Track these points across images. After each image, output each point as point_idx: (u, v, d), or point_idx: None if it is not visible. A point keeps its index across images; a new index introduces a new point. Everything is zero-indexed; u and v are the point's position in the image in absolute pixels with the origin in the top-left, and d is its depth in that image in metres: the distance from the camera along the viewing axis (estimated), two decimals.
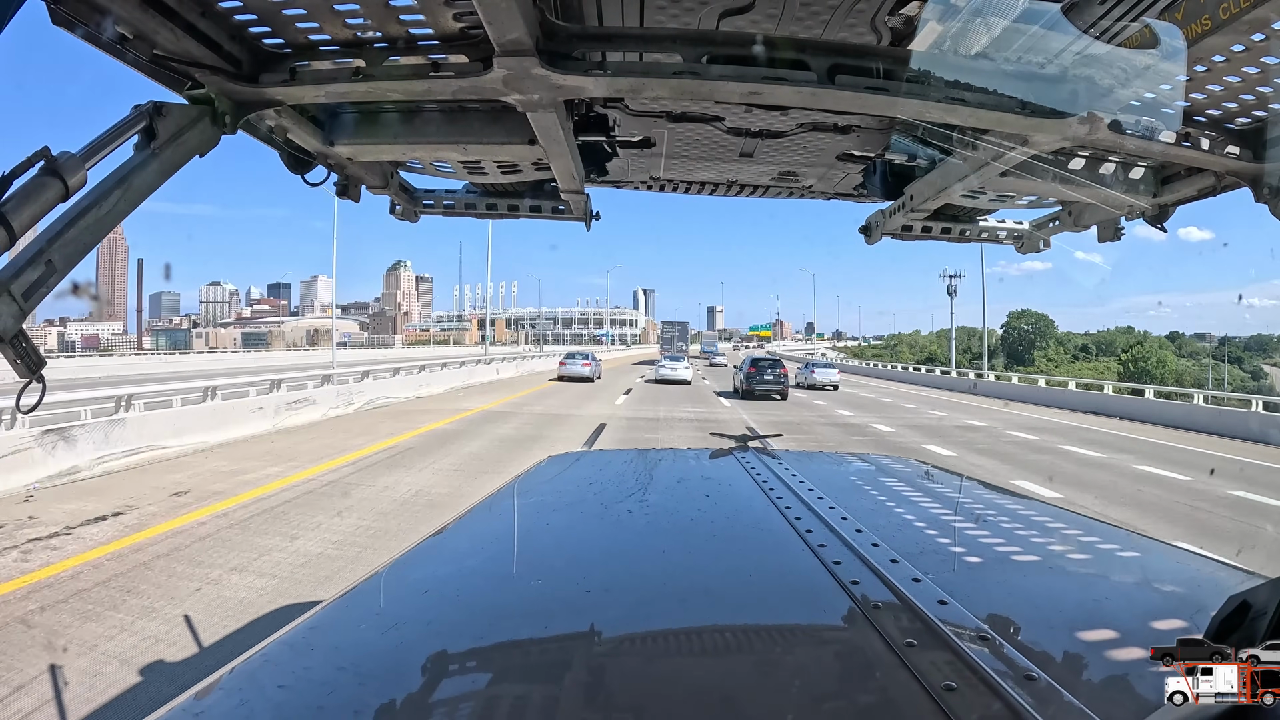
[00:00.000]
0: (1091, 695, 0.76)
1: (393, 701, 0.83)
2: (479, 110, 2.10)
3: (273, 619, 3.96)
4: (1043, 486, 10.20)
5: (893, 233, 2.93)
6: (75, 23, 1.30)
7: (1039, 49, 1.57)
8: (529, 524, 1.66)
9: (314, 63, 1.67)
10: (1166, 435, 17.40)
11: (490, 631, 1.02)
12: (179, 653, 4.17)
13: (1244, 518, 8.67)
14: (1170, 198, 2.28)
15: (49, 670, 3.95)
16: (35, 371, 1.33)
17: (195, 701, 0.84)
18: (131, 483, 8.84)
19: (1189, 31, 1.46)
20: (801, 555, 1.21)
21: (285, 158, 2.11)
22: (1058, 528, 1.58)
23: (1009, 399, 29.22)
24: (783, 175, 2.84)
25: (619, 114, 2.29)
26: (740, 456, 2.11)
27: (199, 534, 6.65)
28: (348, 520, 7.31)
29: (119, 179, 1.42)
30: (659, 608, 1.09)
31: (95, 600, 4.95)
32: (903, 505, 1.73)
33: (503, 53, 1.51)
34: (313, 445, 12.25)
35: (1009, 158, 1.97)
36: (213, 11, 1.49)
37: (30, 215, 1.24)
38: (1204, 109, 1.83)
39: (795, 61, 1.63)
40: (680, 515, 1.71)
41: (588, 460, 2.37)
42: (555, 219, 2.94)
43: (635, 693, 0.86)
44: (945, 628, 0.88)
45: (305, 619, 1.07)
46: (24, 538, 6.37)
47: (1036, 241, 3.00)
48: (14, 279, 1.23)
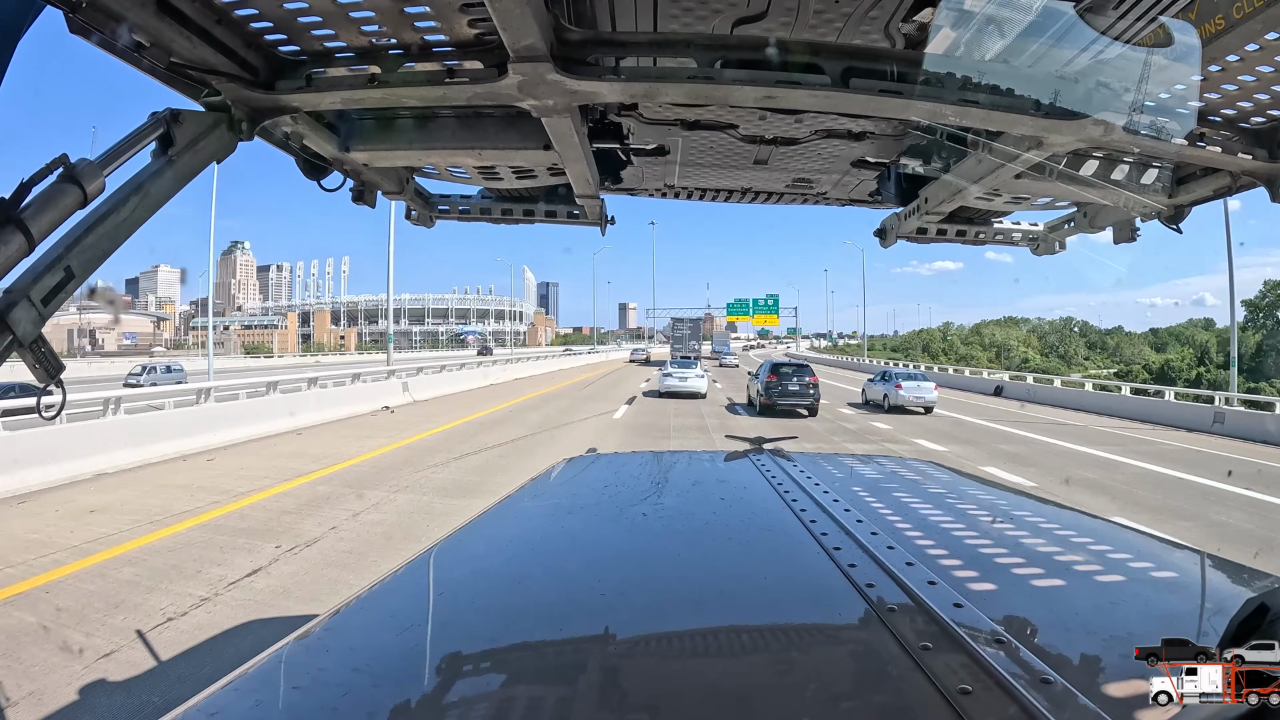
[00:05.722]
0: (1107, 699, 0.75)
1: (407, 702, 0.84)
2: (494, 116, 2.11)
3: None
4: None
5: (908, 236, 2.93)
6: (92, 31, 1.32)
7: (1053, 51, 1.57)
8: (544, 526, 1.66)
9: (330, 69, 1.69)
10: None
11: (505, 633, 1.02)
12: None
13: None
14: (1186, 198, 2.26)
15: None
16: (54, 376, 1.35)
17: (210, 701, 0.85)
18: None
19: (1203, 31, 1.45)
20: (817, 558, 1.21)
21: (301, 164, 2.13)
22: (1073, 530, 1.57)
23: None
24: (797, 182, 2.85)
25: (633, 122, 2.30)
26: (755, 459, 2.10)
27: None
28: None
29: (136, 186, 1.44)
30: (674, 610, 1.09)
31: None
32: (918, 508, 1.72)
33: (517, 58, 1.52)
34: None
35: (1024, 159, 1.96)
36: (229, 19, 1.51)
37: (49, 222, 1.25)
38: (1219, 109, 1.81)
39: (809, 65, 1.63)
40: (695, 518, 1.70)
41: (603, 463, 2.37)
42: (570, 224, 2.96)
43: (650, 694, 0.86)
44: (960, 630, 0.88)
45: (320, 620, 1.08)
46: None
47: (1052, 243, 2.98)
48: (33, 285, 1.24)
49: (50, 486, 8.78)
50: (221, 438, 12.49)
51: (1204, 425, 19.02)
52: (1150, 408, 22.04)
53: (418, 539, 6.38)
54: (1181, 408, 21.53)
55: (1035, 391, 29.43)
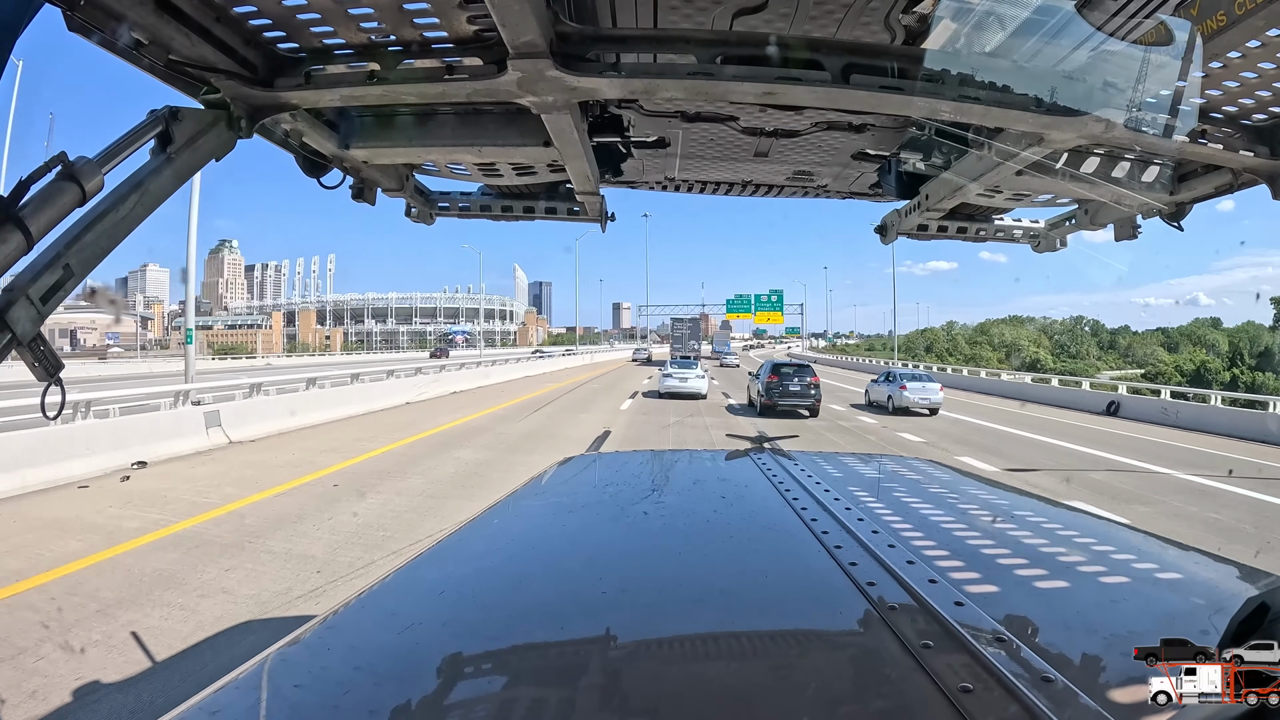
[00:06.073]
0: (1108, 698, 0.75)
1: (408, 702, 0.84)
2: (493, 113, 2.10)
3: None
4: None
5: (908, 232, 2.92)
6: (91, 29, 1.32)
7: (1053, 47, 1.56)
8: (545, 525, 1.66)
9: (329, 67, 1.68)
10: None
11: (506, 632, 1.02)
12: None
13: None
14: (1187, 195, 2.26)
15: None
16: (54, 374, 1.34)
17: (211, 700, 0.85)
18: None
19: (1204, 28, 1.45)
20: (818, 556, 1.21)
21: (301, 161, 2.13)
22: (1075, 529, 1.57)
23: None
24: (798, 174, 2.84)
25: (634, 114, 2.29)
26: (756, 458, 2.10)
27: None
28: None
29: (135, 183, 1.44)
30: (675, 609, 1.09)
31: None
32: (919, 507, 1.72)
33: (517, 55, 1.52)
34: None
35: (1024, 156, 1.95)
36: (228, 17, 1.51)
37: (48, 220, 1.25)
38: (1220, 106, 1.81)
39: (809, 61, 1.63)
40: (696, 517, 1.70)
41: (604, 462, 2.37)
42: (570, 220, 2.95)
43: (651, 694, 0.85)
44: (962, 629, 0.88)
45: (321, 619, 1.08)
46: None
47: (1053, 240, 2.97)
48: (32, 283, 1.24)
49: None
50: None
51: (1260, 434, 16.52)
52: (1198, 414, 19.68)
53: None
54: (1234, 415, 19.04)
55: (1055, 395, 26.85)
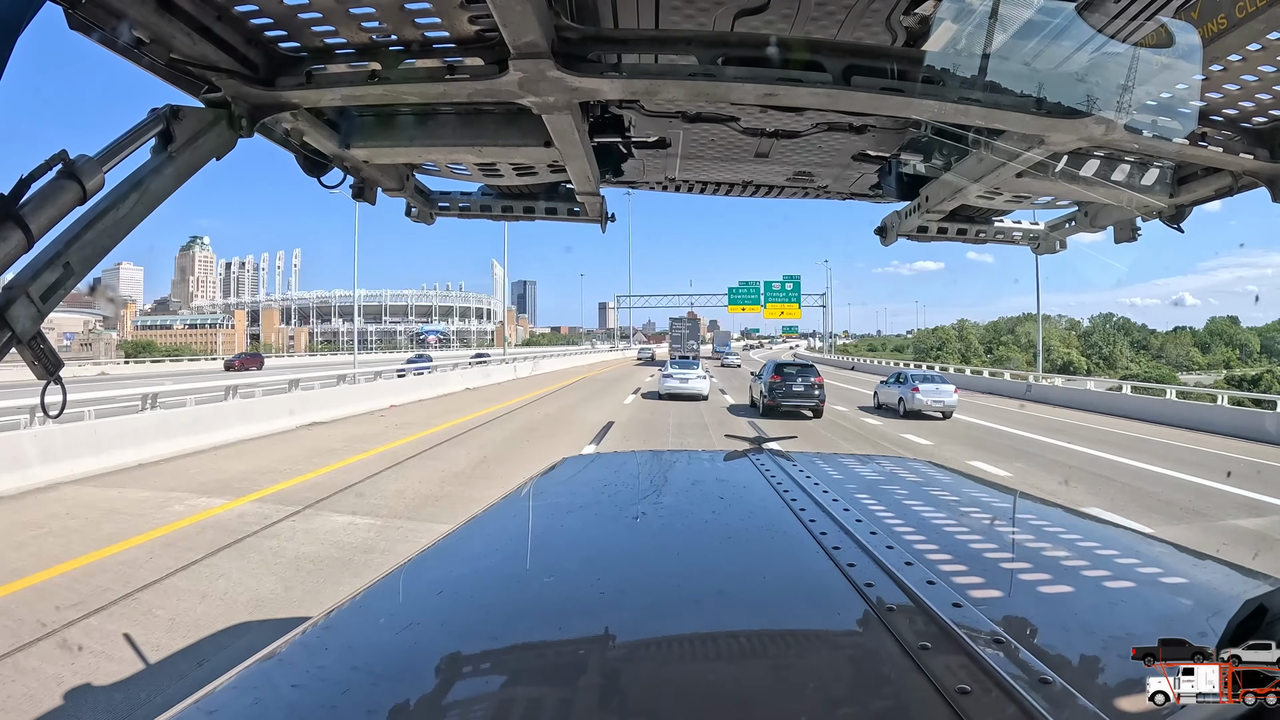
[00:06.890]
0: (1106, 699, 0.75)
1: (406, 702, 0.84)
2: (494, 113, 2.10)
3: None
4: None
5: (908, 234, 2.92)
6: (92, 27, 1.31)
7: (1054, 49, 1.56)
8: (544, 526, 1.66)
9: (330, 66, 1.68)
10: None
11: (504, 633, 1.02)
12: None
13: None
14: (1187, 198, 2.26)
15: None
16: (53, 373, 1.34)
17: (209, 700, 0.85)
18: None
19: (1205, 30, 1.45)
20: (816, 557, 1.21)
21: (301, 160, 2.12)
22: (1072, 531, 1.57)
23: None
24: (798, 175, 2.84)
25: (634, 114, 2.29)
26: (755, 458, 2.10)
27: None
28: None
29: (136, 182, 1.44)
30: (673, 610, 1.09)
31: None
32: (917, 508, 1.72)
33: (518, 55, 1.52)
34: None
35: (1025, 158, 1.96)
36: (229, 16, 1.51)
37: (48, 218, 1.25)
38: (1221, 108, 1.81)
39: (810, 63, 1.63)
40: (695, 517, 1.70)
41: (603, 462, 2.37)
42: (571, 220, 2.95)
43: (649, 694, 0.85)
44: (959, 631, 0.88)
45: (319, 619, 1.08)
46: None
47: (1053, 242, 2.97)
48: (32, 281, 1.24)
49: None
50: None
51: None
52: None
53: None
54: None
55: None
